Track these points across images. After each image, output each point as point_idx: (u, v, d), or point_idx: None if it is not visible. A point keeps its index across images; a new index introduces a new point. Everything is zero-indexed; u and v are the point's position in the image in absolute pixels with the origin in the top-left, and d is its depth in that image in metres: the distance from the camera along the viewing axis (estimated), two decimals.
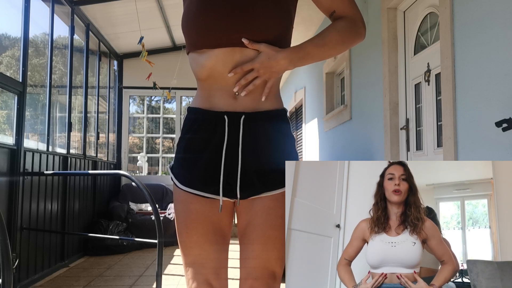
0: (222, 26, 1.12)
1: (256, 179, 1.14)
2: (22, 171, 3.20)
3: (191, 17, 1.16)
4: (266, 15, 1.13)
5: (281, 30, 1.16)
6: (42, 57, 4.02)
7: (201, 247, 1.16)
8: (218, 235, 1.17)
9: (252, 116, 1.15)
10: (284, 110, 1.23)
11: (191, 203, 1.17)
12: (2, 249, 1.51)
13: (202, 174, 1.15)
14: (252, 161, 1.14)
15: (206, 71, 1.16)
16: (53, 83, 3.96)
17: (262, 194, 1.15)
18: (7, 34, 3.69)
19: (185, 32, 1.18)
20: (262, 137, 1.15)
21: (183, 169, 1.19)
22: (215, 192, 1.14)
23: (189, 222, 1.16)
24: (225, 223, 1.19)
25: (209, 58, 1.15)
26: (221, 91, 1.16)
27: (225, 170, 1.13)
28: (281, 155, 1.16)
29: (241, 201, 1.16)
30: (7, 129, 3.41)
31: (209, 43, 1.14)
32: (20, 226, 3.20)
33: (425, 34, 2.94)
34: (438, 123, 2.71)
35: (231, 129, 1.14)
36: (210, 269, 1.16)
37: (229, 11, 1.13)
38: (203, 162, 1.15)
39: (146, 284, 3.51)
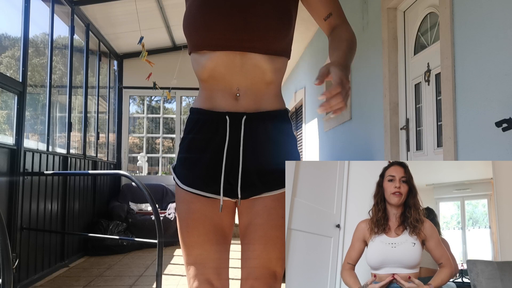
0: (222, 27, 1.13)
1: (257, 179, 1.14)
2: (22, 171, 3.20)
3: (192, 17, 1.16)
4: (264, 15, 1.13)
5: (281, 30, 1.15)
6: (42, 57, 4.02)
7: (202, 246, 1.16)
8: (219, 235, 1.17)
9: (253, 116, 1.15)
10: (286, 110, 1.23)
11: (192, 203, 1.17)
12: (2, 249, 1.51)
13: (203, 174, 1.16)
14: (253, 161, 1.14)
15: (207, 72, 1.17)
16: (53, 83, 3.96)
17: (263, 194, 1.15)
18: (7, 34, 3.69)
19: (186, 33, 1.18)
20: (263, 137, 1.16)
21: (185, 169, 1.19)
22: (216, 192, 1.15)
23: (190, 222, 1.17)
24: (227, 223, 1.19)
25: (210, 59, 1.16)
26: (223, 91, 1.17)
27: (226, 170, 1.14)
28: (282, 155, 1.17)
29: (242, 201, 1.17)
30: (7, 129, 3.41)
31: (209, 44, 1.15)
32: (20, 226, 3.20)
33: (425, 34, 2.94)
34: (438, 123, 2.71)
35: (232, 129, 1.15)
36: (211, 269, 1.16)
37: (228, 11, 1.13)
38: (205, 162, 1.16)
39: (146, 284, 3.51)
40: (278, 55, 1.18)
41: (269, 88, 1.19)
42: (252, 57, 1.14)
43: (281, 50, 1.18)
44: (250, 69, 1.15)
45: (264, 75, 1.16)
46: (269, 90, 1.19)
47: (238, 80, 1.15)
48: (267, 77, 1.17)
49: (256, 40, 1.13)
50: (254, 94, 1.16)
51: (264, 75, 1.16)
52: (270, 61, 1.16)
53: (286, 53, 1.21)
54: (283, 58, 1.20)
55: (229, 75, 1.15)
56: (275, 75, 1.18)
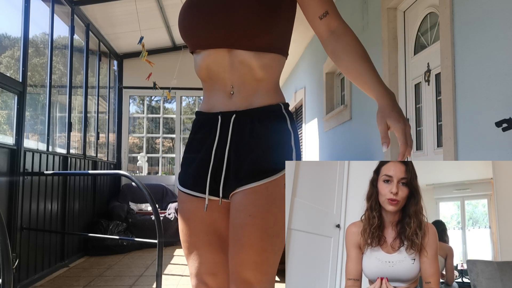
0: (205, 25, 1.14)
1: (233, 176, 1.12)
2: (22, 171, 3.20)
3: (181, 19, 1.19)
4: (245, 11, 1.11)
5: (263, 26, 1.11)
6: (42, 57, 4.02)
7: (195, 246, 1.16)
8: (212, 235, 1.16)
9: (243, 114, 1.15)
10: (278, 105, 1.18)
11: (185, 203, 1.18)
12: (2, 249, 1.51)
13: (194, 174, 1.17)
14: (235, 159, 1.13)
15: (203, 71, 1.18)
16: (53, 83, 3.96)
17: (236, 190, 1.11)
18: (7, 34, 3.69)
19: (180, 34, 1.21)
20: (247, 134, 1.13)
21: (183, 169, 1.22)
22: (203, 191, 1.14)
23: (184, 222, 1.18)
24: (221, 223, 1.17)
25: (202, 58, 1.17)
26: (218, 91, 1.18)
27: (213, 169, 1.14)
28: (264, 149, 1.12)
29: (227, 200, 1.14)
30: (7, 129, 3.41)
31: (198, 43, 1.17)
32: (20, 226, 3.20)
33: (425, 34, 2.93)
34: (438, 123, 2.71)
35: (223, 128, 1.15)
36: (205, 269, 1.15)
37: (211, 10, 1.14)
38: (197, 162, 1.17)
39: (146, 284, 3.51)
40: (264, 51, 1.14)
41: (260, 85, 1.16)
42: (238, 54, 1.13)
43: (268, 45, 1.14)
44: (239, 66, 1.14)
45: (253, 72, 1.14)
46: (260, 87, 1.16)
47: (230, 78, 1.15)
48: (255, 73, 1.15)
49: (238, 36, 1.12)
50: (246, 91, 1.15)
51: (253, 71, 1.14)
52: (257, 57, 1.14)
53: (275, 48, 1.16)
54: (272, 54, 1.16)
55: (222, 73, 1.15)
56: (264, 71, 1.15)
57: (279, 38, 1.17)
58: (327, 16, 1.14)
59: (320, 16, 1.14)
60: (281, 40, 1.18)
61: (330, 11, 1.14)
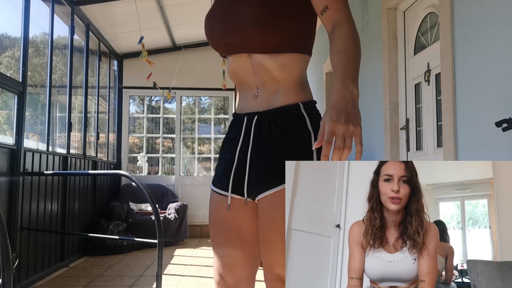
0: (221, 32, 1.20)
1: (255, 178, 1.15)
2: (22, 171, 3.20)
3: (204, 27, 1.26)
4: (253, 17, 1.14)
5: (270, 28, 1.13)
6: (42, 57, 4.02)
7: (216, 242, 1.23)
8: (232, 233, 1.20)
9: (263, 115, 1.18)
10: (296, 105, 1.17)
11: (211, 200, 1.25)
12: (2, 249, 1.51)
13: (221, 173, 1.23)
14: (256, 160, 1.16)
15: (232, 75, 1.25)
16: (53, 83, 3.95)
17: (261, 195, 1.15)
18: (7, 34, 3.69)
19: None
20: (266, 135, 1.16)
21: (216, 168, 1.30)
22: (227, 189, 1.20)
23: (209, 218, 1.26)
24: (242, 222, 1.20)
25: (230, 63, 1.24)
26: (246, 93, 1.23)
27: (236, 169, 1.18)
28: (280, 151, 1.13)
29: (255, 201, 1.18)
30: (7, 129, 3.41)
31: (221, 50, 1.24)
32: (20, 226, 3.20)
33: (425, 34, 2.93)
34: (438, 123, 2.71)
35: (247, 129, 1.19)
36: (224, 265, 1.21)
37: (224, 17, 1.20)
38: (225, 162, 1.23)
39: (146, 284, 3.51)
40: (279, 52, 1.16)
41: (280, 85, 1.18)
42: (256, 58, 1.18)
43: (281, 46, 1.16)
44: (258, 69, 1.18)
45: (271, 73, 1.17)
46: (279, 87, 1.18)
47: (254, 80, 1.20)
48: (274, 75, 1.18)
49: (250, 41, 1.16)
50: (267, 93, 1.19)
51: (270, 73, 1.17)
52: (272, 59, 1.16)
53: (290, 48, 1.17)
54: (289, 54, 1.17)
55: (247, 76, 1.21)
56: (281, 72, 1.17)
57: (293, 37, 1.17)
58: (327, 11, 1.13)
59: (321, 12, 1.14)
60: (296, 39, 1.18)
61: (329, 5, 1.12)
